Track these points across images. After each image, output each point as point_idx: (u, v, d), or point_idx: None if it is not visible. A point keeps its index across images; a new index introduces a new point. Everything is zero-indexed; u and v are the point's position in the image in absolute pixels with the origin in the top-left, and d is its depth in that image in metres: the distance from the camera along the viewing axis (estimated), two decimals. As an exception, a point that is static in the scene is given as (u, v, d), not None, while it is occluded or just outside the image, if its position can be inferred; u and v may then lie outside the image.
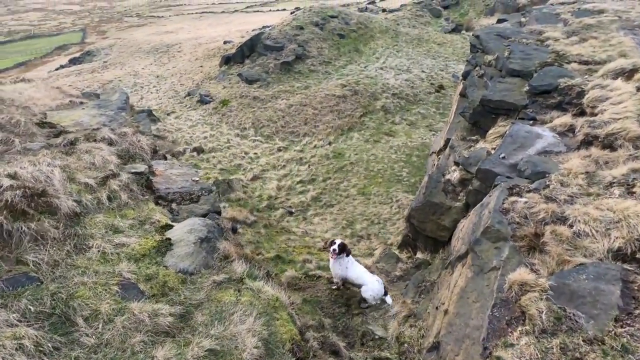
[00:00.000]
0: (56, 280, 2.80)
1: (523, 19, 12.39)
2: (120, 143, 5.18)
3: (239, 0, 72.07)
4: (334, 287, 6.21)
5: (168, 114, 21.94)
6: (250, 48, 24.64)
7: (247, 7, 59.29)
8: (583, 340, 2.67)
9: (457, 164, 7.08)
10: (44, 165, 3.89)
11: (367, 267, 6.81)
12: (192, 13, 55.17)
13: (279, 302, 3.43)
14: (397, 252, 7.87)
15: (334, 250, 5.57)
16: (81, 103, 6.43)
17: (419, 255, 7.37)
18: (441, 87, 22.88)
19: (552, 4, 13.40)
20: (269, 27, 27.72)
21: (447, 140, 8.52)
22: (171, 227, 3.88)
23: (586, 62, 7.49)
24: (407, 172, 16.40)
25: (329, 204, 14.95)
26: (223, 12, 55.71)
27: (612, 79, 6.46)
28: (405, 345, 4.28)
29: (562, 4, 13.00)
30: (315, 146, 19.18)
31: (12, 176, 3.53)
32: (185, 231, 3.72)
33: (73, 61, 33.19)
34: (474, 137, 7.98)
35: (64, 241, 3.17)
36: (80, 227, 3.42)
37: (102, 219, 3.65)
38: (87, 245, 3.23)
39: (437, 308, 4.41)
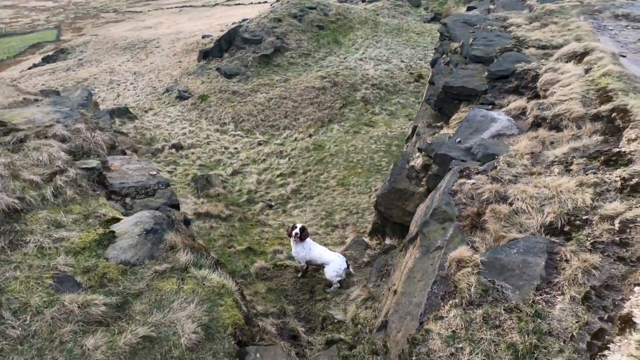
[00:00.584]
0: (-13, 276, 2.81)
1: (492, 6, 12.53)
2: (74, 139, 5.13)
3: (219, -7, 70.79)
4: (299, 275, 6.31)
5: (146, 111, 21.63)
6: (229, 42, 24.36)
7: (228, 0, 58.35)
8: (504, 309, 2.80)
9: (420, 150, 7.19)
10: (-15, 163, 3.85)
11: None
12: (172, 7, 54.08)
13: (224, 288, 3.48)
14: (367, 239, 7.99)
15: (296, 234, 5.75)
16: (36, 100, 6.32)
17: (388, 241, 7.50)
18: (420, 76, 23.00)
19: (520, -10, 13.54)
20: (247, 20, 27.42)
21: (414, 128, 8.63)
22: (118, 220, 3.89)
23: (544, 47, 7.64)
24: (386, 161, 16.53)
25: (308, 196, 15.02)
26: (203, 5, 54.72)
27: (565, 62, 6.61)
28: (359, 326, 4.40)
29: (530, -11, 13.15)
30: (295, 139, 19.17)
31: (-51, 174, 3.49)
32: (132, 224, 3.74)
33: (47, 59, 32.33)
34: (439, 124, 8.11)
35: (-1, 237, 3.16)
36: (19, 224, 3.40)
37: (44, 214, 3.64)
38: (24, 240, 3.23)
39: (389, 289, 4.53)
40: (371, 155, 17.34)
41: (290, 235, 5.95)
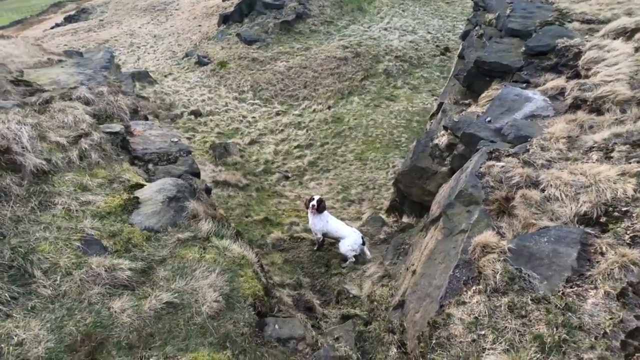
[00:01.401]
0: (18, 235, 2.87)
1: (533, -26, 11.60)
2: (97, 102, 5.12)
3: (240, -47, 68.18)
4: (315, 248, 6.35)
5: (165, 76, 21.53)
6: (249, 6, 23.62)
7: (249, -39, 56.09)
8: (531, 299, 2.72)
9: (445, 128, 6.93)
10: (13, 123, 3.87)
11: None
12: (191, -32, 52.41)
13: (245, 260, 3.50)
14: (384, 216, 7.93)
15: (313, 206, 5.76)
16: (60, 61, 6.29)
17: (405, 219, 7.42)
18: (447, 49, 21.98)
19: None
20: (269, -17, 26.37)
21: (440, 104, 8.30)
22: (142, 186, 3.91)
23: (589, 21, 7.07)
24: (406, 137, 16.17)
25: (325, 169, 14.94)
26: (223, -33, 52.81)
27: (612, 39, 6.11)
28: (375, 303, 4.42)
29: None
30: (314, 110, 18.87)
31: (-22, 133, 3.53)
32: (155, 190, 3.75)
33: (69, 19, 32.23)
34: (466, 101, 7.75)
35: (28, 198, 3.22)
36: (47, 185, 3.45)
37: (71, 177, 3.68)
38: (52, 202, 3.28)
39: (407, 269, 4.50)
40: (391, 130, 16.97)
41: (307, 206, 5.96)
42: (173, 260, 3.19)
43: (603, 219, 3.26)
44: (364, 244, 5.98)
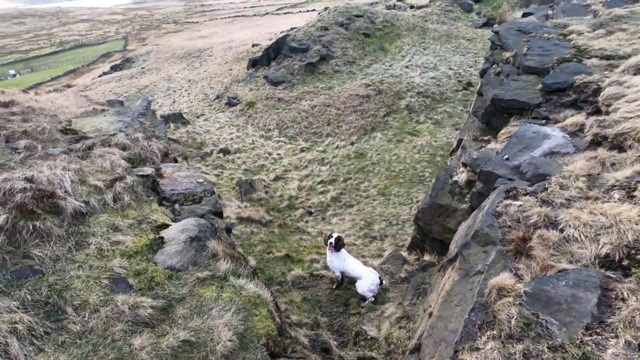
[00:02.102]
0: (55, 274, 3.15)
1: (550, 12, 11.80)
2: (133, 148, 5.60)
3: (270, 2, 73.40)
4: (334, 287, 6.33)
5: (198, 117, 22.90)
6: (276, 50, 25.14)
7: (278, 9, 60.29)
8: (547, 347, 2.62)
9: (464, 165, 6.94)
10: (59, 169, 4.33)
11: (373, 267, 6.87)
12: (225, 17, 56.98)
13: (260, 299, 3.60)
14: (405, 254, 7.83)
15: (331, 243, 5.81)
16: (103, 110, 6.98)
17: (426, 257, 7.30)
18: (469, 84, 22.17)
19: (584, -6, 12.62)
20: (295, 29, 28.13)
21: (460, 141, 8.34)
22: (167, 226, 4.18)
23: (608, 57, 7.06)
24: (429, 172, 16.09)
25: (348, 204, 15.02)
26: (254, 15, 57.04)
27: (633, 74, 6.07)
28: (392, 345, 4.33)
29: (596, -7, 12.21)
30: (337, 146, 19.28)
31: (29, 179, 3.97)
32: (178, 230, 4.00)
33: (114, 68, 35.47)
34: (486, 137, 7.76)
35: (67, 238, 3.54)
36: (84, 226, 3.79)
37: (105, 218, 4.01)
38: (87, 242, 3.58)
39: (425, 310, 4.41)
40: (414, 165, 16.99)
41: (326, 243, 6.02)
42: (192, 298, 3.35)
43: (625, 262, 3.14)
44: (381, 284, 5.92)
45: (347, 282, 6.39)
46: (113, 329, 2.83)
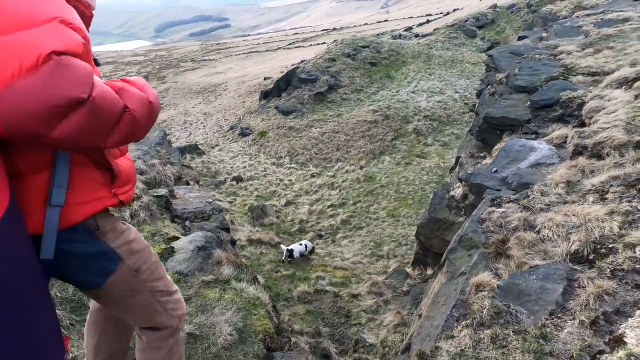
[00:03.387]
0: (80, 276, 3.61)
1: (545, 34, 12.30)
2: (149, 172, 6.19)
3: (282, 38, 77.11)
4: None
5: (213, 147, 23.94)
6: (287, 82, 26.38)
7: (290, 44, 63.19)
8: (513, 331, 2.86)
9: (460, 180, 7.24)
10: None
11: (376, 283, 7.11)
12: (240, 54, 60.02)
13: (259, 301, 3.95)
14: (409, 269, 8.01)
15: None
16: (124, 141, 7.71)
17: (429, 271, 7.47)
18: (475, 106, 22.57)
19: (577, 17, 13.13)
20: (304, 61, 29.54)
21: (458, 159, 8.68)
22: (178, 239, 4.64)
23: (594, 74, 7.41)
24: (438, 193, 16.24)
25: (358, 227, 15.25)
26: (267, 50, 59.91)
27: (615, 89, 6.38)
28: (387, 349, 4.53)
29: (589, 15, 12.71)
30: (347, 171, 19.75)
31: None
32: (187, 242, 4.45)
33: (136, 105, 37.52)
34: (482, 154, 8.08)
35: (90, 248, 4.03)
36: (104, 238, 4.28)
37: (123, 232, 4.51)
38: (107, 251, 4.06)
39: (418, 314, 4.63)
40: (422, 186, 17.21)
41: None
42: (197, 299, 3.73)
43: (592, 256, 3.38)
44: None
45: (349, 296, 6.63)
46: (127, 322, 3.22)
